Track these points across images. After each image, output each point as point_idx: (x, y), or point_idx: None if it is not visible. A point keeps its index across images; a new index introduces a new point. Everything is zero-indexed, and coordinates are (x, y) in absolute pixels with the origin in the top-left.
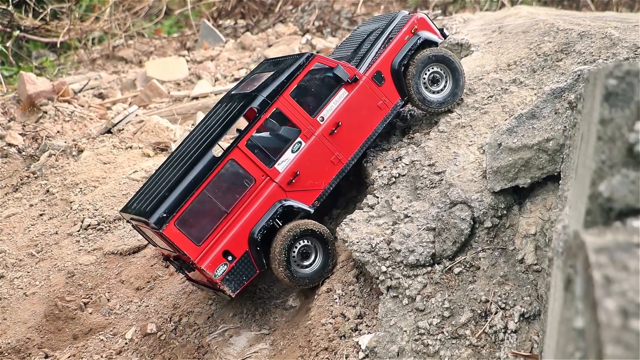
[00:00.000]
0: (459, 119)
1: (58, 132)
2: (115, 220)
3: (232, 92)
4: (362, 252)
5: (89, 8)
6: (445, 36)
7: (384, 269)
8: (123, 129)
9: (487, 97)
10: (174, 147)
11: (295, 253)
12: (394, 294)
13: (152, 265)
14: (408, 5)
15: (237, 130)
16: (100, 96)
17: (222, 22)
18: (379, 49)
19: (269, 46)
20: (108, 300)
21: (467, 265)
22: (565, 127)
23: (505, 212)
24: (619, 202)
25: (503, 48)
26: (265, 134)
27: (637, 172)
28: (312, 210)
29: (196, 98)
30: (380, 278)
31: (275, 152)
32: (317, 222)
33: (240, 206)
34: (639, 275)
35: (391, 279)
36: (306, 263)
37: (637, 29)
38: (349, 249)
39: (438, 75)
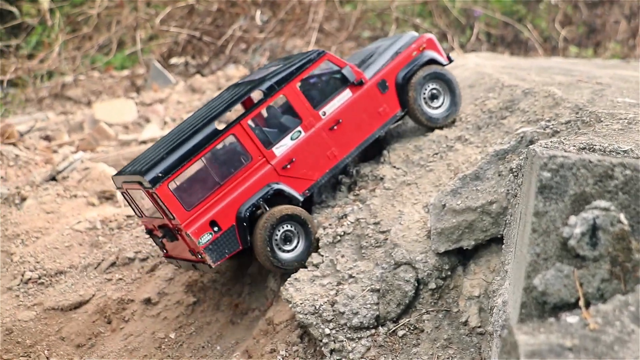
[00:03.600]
0: (404, 176)
1: (1, 177)
2: (56, 273)
3: (239, 82)
4: (306, 314)
5: (39, 44)
6: (450, 60)
7: (327, 331)
8: (68, 176)
9: (433, 154)
10: (119, 195)
11: (278, 236)
12: (338, 358)
13: (93, 322)
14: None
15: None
16: (47, 138)
17: (174, 60)
18: (387, 60)
19: (219, 89)
20: (47, 358)
21: (411, 328)
22: (507, 190)
23: (449, 273)
24: (554, 296)
25: None
26: (268, 118)
27: (570, 267)
28: (301, 199)
29: (144, 142)
30: (323, 341)
31: (275, 136)
32: (301, 209)
33: (233, 181)
34: None
35: (335, 342)
36: (288, 248)
37: (580, 85)
38: (292, 310)
39: (436, 92)
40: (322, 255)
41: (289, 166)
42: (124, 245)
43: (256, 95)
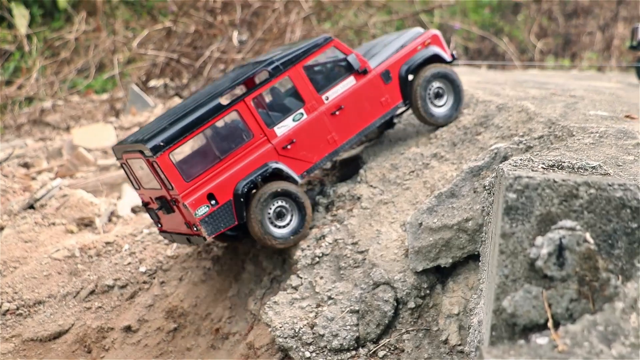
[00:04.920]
0: (381, 195)
1: None
2: (35, 304)
3: (245, 63)
4: (286, 338)
5: (17, 69)
6: (454, 58)
7: (307, 354)
8: (46, 204)
9: (409, 172)
10: (98, 222)
11: (271, 212)
12: None
13: (73, 352)
14: None
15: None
16: (26, 165)
17: (153, 83)
18: (392, 52)
19: None
20: None
21: (392, 348)
22: (483, 207)
23: (428, 291)
24: (523, 317)
25: None
26: (272, 98)
27: (539, 288)
28: (299, 180)
29: None
30: None
31: (277, 116)
32: (295, 186)
33: (233, 156)
34: None
35: None
36: (281, 223)
37: (553, 99)
38: (272, 334)
39: (441, 91)
40: (301, 277)
41: (289, 147)
42: (103, 273)
43: (262, 75)
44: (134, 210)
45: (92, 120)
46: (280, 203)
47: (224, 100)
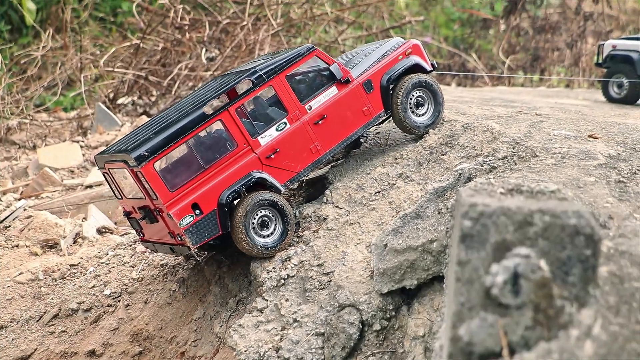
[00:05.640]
0: (347, 215)
1: None
2: None
3: (227, 72)
4: None
5: None
6: (434, 67)
7: None
8: (10, 226)
9: (375, 192)
10: (63, 243)
11: (255, 221)
12: None
13: None
14: None
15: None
16: None
17: (122, 100)
18: (373, 62)
19: None
20: None
21: None
22: (447, 228)
23: (393, 313)
24: (479, 346)
25: (390, 139)
26: (255, 108)
27: (495, 315)
28: (283, 190)
29: (90, 187)
30: None
31: (260, 125)
32: (279, 195)
33: (218, 166)
34: None
35: None
36: (265, 233)
37: (519, 118)
38: (237, 358)
39: (422, 100)
40: (267, 300)
41: (272, 156)
42: (67, 296)
43: (245, 85)
44: (99, 231)
45: (59, 139)
46: (264, 212)
47: (208, 110)
